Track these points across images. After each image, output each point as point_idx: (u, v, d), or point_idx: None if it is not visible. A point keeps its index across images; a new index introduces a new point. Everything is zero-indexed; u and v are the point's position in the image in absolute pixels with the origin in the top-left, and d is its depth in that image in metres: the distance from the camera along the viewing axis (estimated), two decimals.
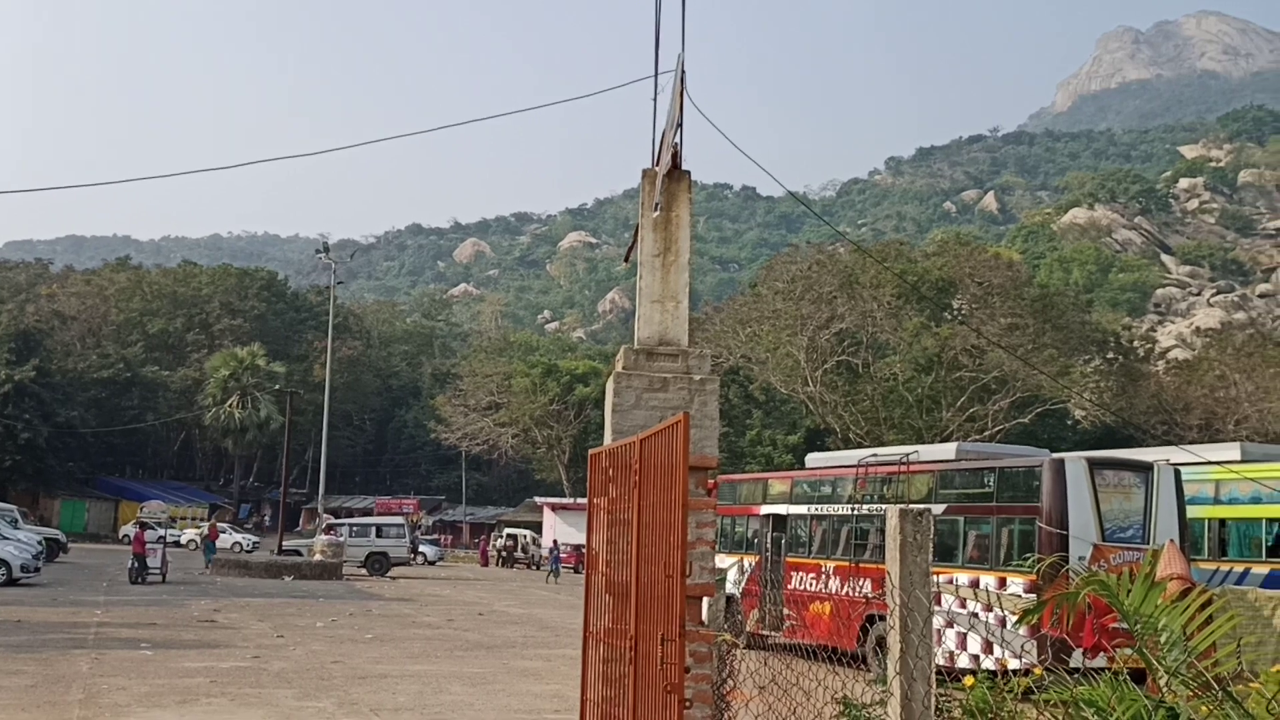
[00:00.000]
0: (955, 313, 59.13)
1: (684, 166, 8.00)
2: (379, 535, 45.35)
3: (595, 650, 7.18)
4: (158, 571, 33.41)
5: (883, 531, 18.73)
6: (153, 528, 40.18)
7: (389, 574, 42.93)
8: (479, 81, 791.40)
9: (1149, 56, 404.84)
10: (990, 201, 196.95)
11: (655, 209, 7.65)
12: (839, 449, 47.42)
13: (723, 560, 22.37)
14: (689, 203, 7.76)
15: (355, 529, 46.31)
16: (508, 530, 64.10)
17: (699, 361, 7.53)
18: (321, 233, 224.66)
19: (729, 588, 21.71)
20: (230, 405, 74.90)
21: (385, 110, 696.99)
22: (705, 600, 7.25)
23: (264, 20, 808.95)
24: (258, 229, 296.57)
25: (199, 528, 57.49)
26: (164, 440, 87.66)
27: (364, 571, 42.80)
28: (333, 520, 51.73)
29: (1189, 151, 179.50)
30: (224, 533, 53.20)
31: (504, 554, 60.76)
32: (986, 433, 52.28)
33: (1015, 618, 14.01)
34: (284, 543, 46.49)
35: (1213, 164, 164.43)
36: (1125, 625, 5.33)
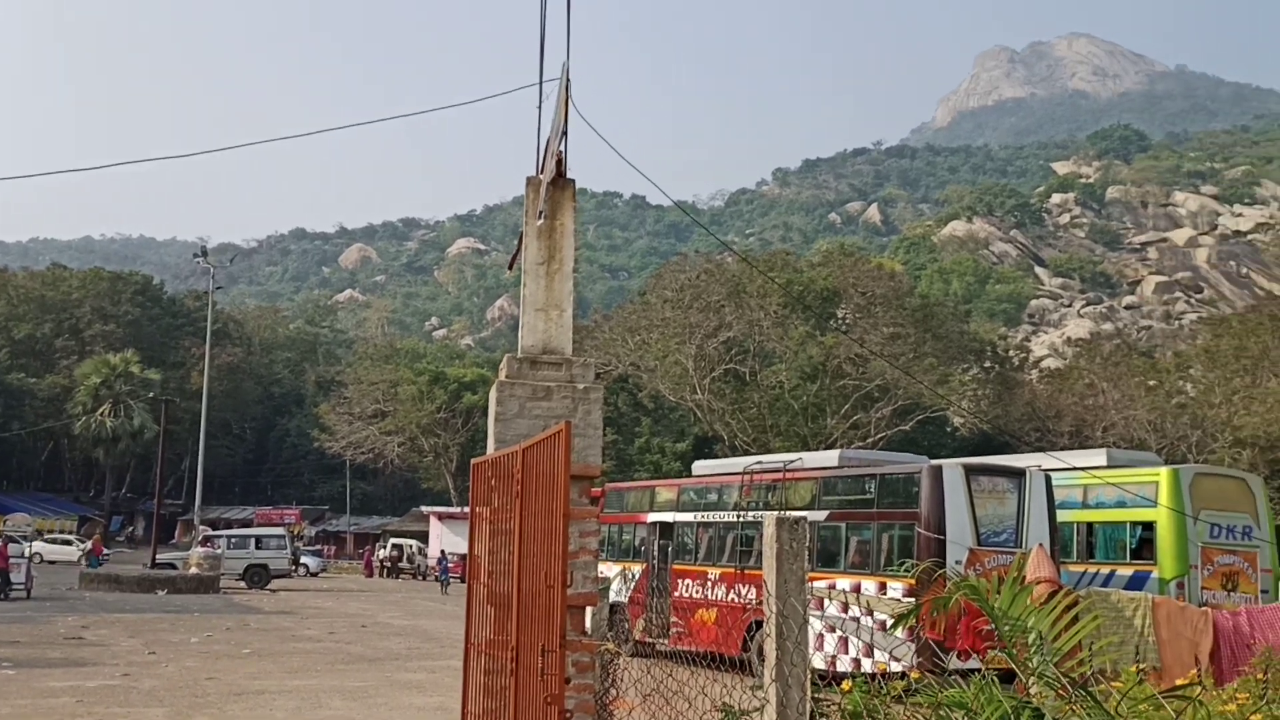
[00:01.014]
0: (839, 322, 60.32)
1: (570, 175, 7.98)
2: (258, 547, 44.21)
3: (477, 662, 7.10)
4: (22, 586, 32.00)
5: None
6: (17, 541, 38.47)
7: (269, 586, 41.87)
8: (367, 86, 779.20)
9: (1024, 76, 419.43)
10: (874, 213, 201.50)
11: (539, 217, 7.62)
12: (727, 456, 47.88)
13: (610, 568, 22.40)
14: (573, 211, 7.75)
15: (233, 540, 45.08)
16: (393, 540, 63.12)
17: (583, 370, 7.52)
18: (200, 236, 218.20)
19: (616, 596, 21.73)
20: (102, 414, 72.25)
21: (269, 112, 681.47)
22: (588, 610, 7.23)
23: (145, 13, 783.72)
24: (132, 231, 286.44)
25: (82, 542, 55.09)
26: (30, 450, 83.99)
27: (243, 584, 41.65)
28: (210, 532, 50.25)
29: (1061, 168, 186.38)
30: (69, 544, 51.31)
31: (389, 564, 59.80)
32: (870, 440, 53.37)
33: (893, 622, 14.32)
34: (158, 556, 44.98)
35: (1083, 180, 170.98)
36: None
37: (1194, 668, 9.58)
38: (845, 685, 7.08)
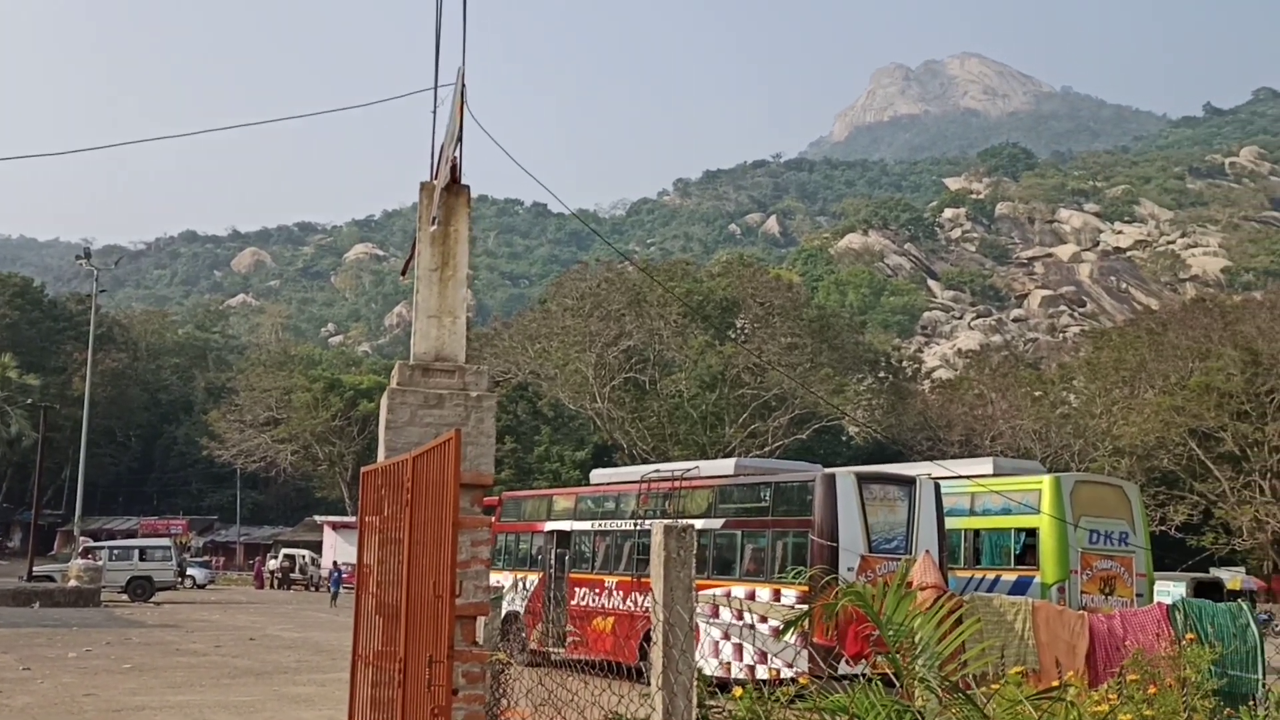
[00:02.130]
0: (738, 332, 60.96)
1: (466, 181, 7.91)
2: (142, 558, 42.84)
3: (364, 674, 6.98)
4: None
5: None
6: None
7: (153, 599, 40.59)
8: (260, 86, 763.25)
9: (918, 93, 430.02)
10: (773, 225, 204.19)
11: (433, 223, 7.53)
12: (626, 465, 47.97)
13: (506, 577, 22.25)
14: (468, 217, 7.68)
15: (116, 552, 43.61)
16: (285, 551, 61.73)
17: (476, 378, 7.46)
18: (85, 237, 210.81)
19: (513, 605, 21.59)
20: None
21: (158, 111, 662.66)
22: (480, 619, 7.17)
23: (31, 8, 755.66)
24: (11, 232, 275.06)
25: None
26: None
27: (125, 597, 40.31)
28: (91, 543, 48.53)
29: (953, 183, 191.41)
30: None
31: (281, 576, 58.48)
32: (767, 448, 53.99)
33: (783, 629, 14.49)
34: (35, 567, 43.23)
35: (974, 196, 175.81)
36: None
37: (1071, 669, 9.90)
38: (737, 692, 7.14)
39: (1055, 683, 6.95)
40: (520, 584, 22.15)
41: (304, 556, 60.27)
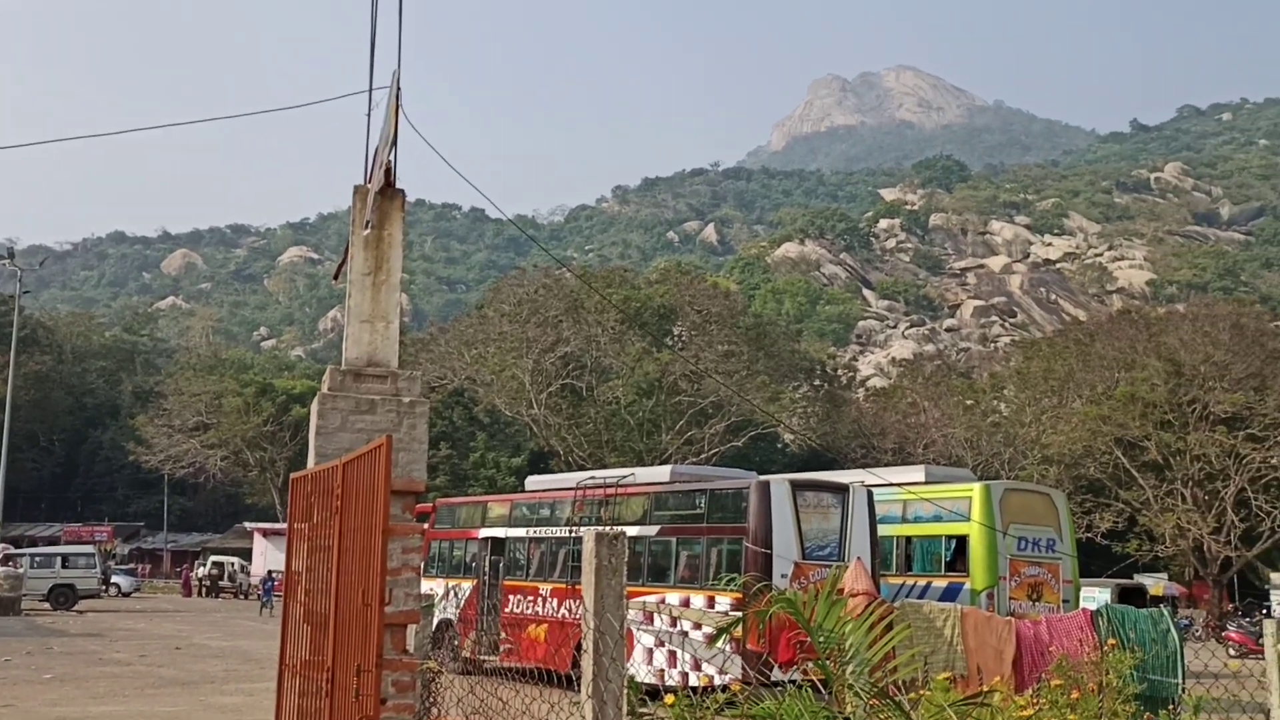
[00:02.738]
0: (675, 339, 61.14)
1: (401, 185, 7.85)
2: (65, 565, 41.85)
3: (291, 683, 6.87)
4: None
5: None
6: None
7: (76, 608, 39.65)
8: (192, 86, 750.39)
9: (854, 104, 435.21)
10: (710, 233, 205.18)
11: (366, 226, 7.47)
12: (563, 471, 47.85)
13: (440, 585, 22.07)
14: (402, 221, 7.63)
15: (37, 559, 42.55)
16: (213, 558, 60.69)
17: (408, 384, 7.39)
18: (9, 237, 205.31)
19: (446, 613, 21.42)
20: None
21: (88, 109, 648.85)
22: (410, 628, 7.09)
23: None
24: None
25: None
26: None
27: (47, 606, 39.34)
28: (11, 550, 47.30)
29: (888, 194, 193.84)
30: None
31: (209, 583, 57.46)
32: (703, 455, 54.18)
33: (714, 635, 14.53)
34: None
35: (908, 207, 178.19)
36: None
37: (998, 675, 10.06)
38: (668, 699, 7.14)
39: (983, 688, 7.07)
40: (454, 591, 21.99)
41: (233, 564, 59.28)
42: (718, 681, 14.99)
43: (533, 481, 24.43)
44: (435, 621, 20.99)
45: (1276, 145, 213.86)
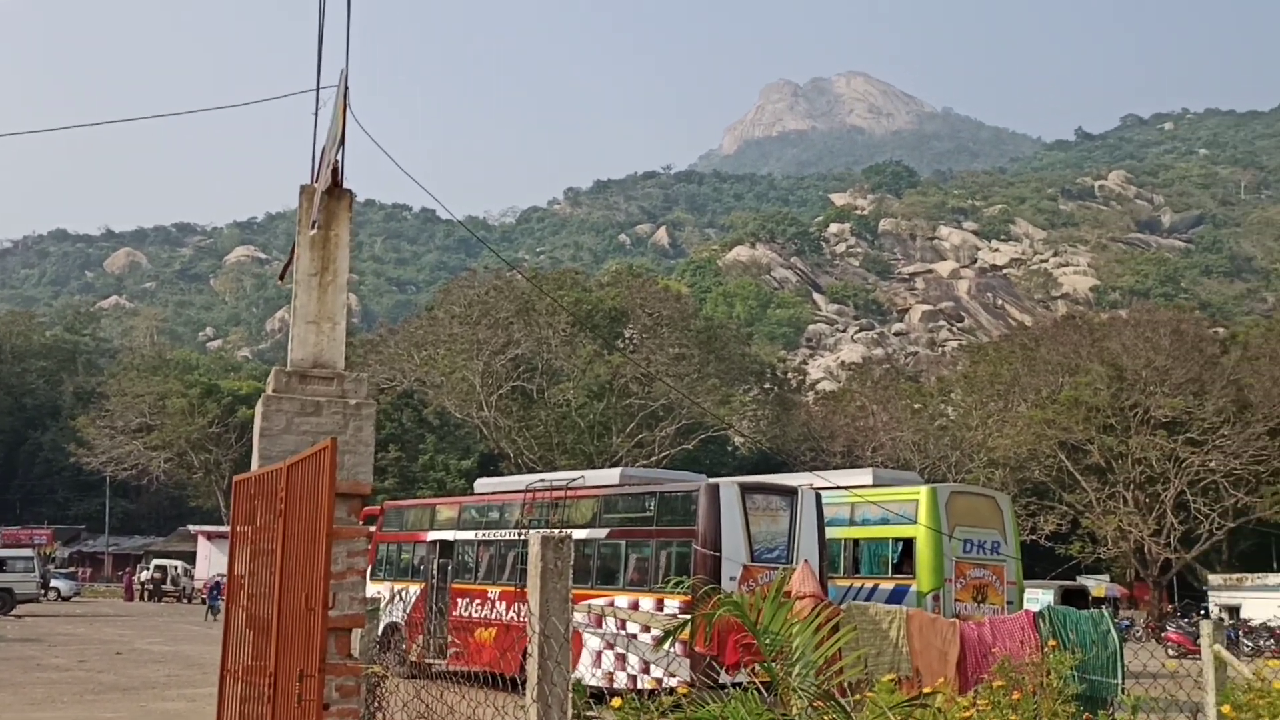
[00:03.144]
0: (627, 342, 61.15)
1: (348, 185, 7.78)
2: (2, 569, 40.92)
3: (233, 689, 6.78)
4: None
5: None
6: None
7: (14, 612, 38.84)
8: (140, 81, 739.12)
9: (806, 109, 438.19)
10: (662, 236, 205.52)
11: (313, 226, 7.39)
12: (513, 474, 47.67)
13: (388, 588, 21.89)
14: (349, 222, 7.56)
15: None
16: (156, 561, 59.73)
17: (356, 385, 7.33)
18: None
19: (394, 616, 21.24)
20: None
21: (35, 104, 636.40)
22: (355, 631, 7.03)
23: None
24: None
25: None
26: None
27: None
28: None
29: (838, 199, 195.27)
30: None
31: (152, 587, 56.54)
32: (654, 458, 54.21)
33: (660, 638, 14.55)
34: None
35: (858, 212, 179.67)
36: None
37: (943, 676, 10.16)
38: (615, 703, 7.14)
39: (926, 689, 7.14)
40: (402, 595, 21.82)
41: (176, 567, 58.40)
42: (667, 684, 15.00)
43: (482, 484, 24.32)
44: (382, 625, 20.82)
45: (1216, 155, 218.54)
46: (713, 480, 17.96)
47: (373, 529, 23.95)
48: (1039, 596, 26.75)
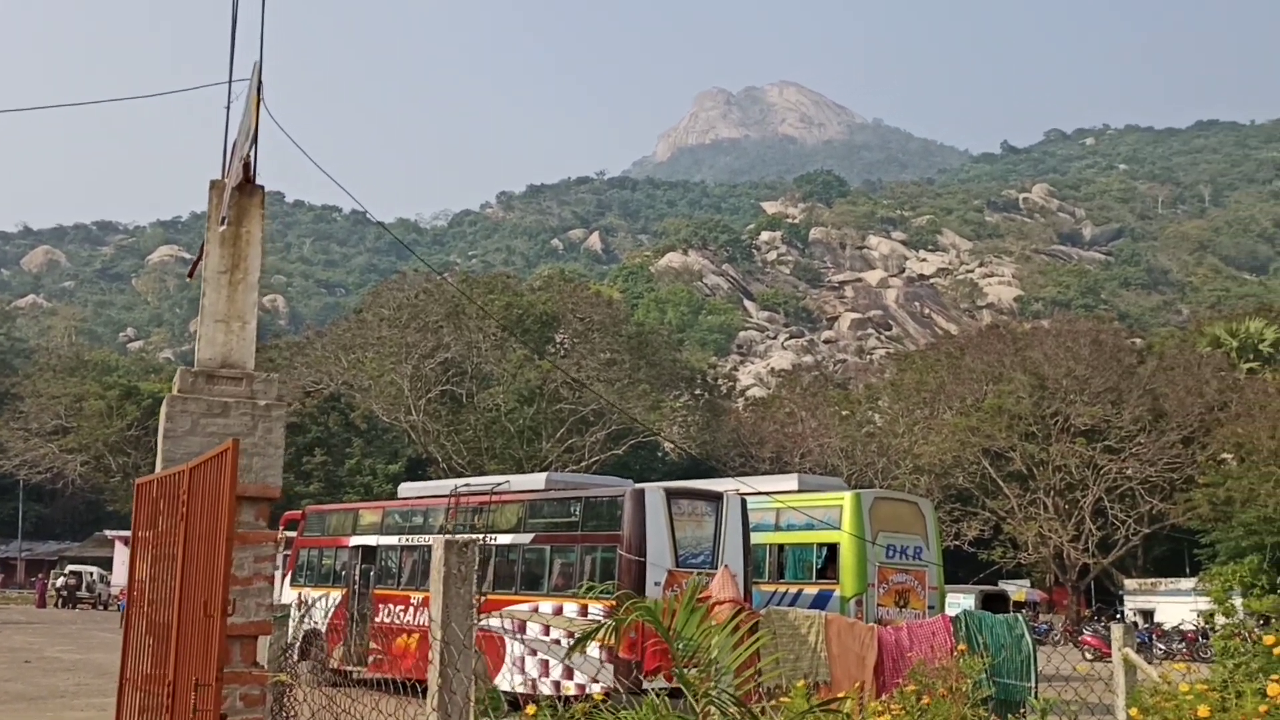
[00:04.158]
0: (558, 347, 60.96)
1: (260, 180, 7.60)
2: None
3: (131, 698, 6.57)
4: None
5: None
6: None
7: None
8: (57, 74, 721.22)
9: (739, 118, 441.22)
10: (595, 241, 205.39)
11: (222, 223, 7.21)
12: (441, 478, 47.21)
13: (309, 594, 21.51)
14: (261, 218, 7.39)
15: None
16: (71, 567, 58.15)
17: (265, 386, 7.15)
18: None
19: (314, 622, 20.87)
20: None
21: None
22: (263, 639, 6.86)
23: None
24: None
25: None
26: None
27: None
28: None
29: (770, 207, 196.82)
30: None
31: (66, 593, 55.03)
32: (584, 463, 54.08)
33: (594, 644, 14.49)
34: None
35: (789, 220, 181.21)
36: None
37: (860, 680, 10.23)
38: (529, 709, 7.04)
39: (841, 694, 7.17)
40: (323, 601, 21.46)
41: (91, 574, 56.94)
42: (590, 690, 14.92)
43: (406, 488, 24.03)
44: (303, 631, 20.45)
45: (1135, 170, 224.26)
46: (638, 485, 17.91)
47: (291, 534, 23.54)
48: (960, 601, 27.11)
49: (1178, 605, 42.47)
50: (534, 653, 16.86)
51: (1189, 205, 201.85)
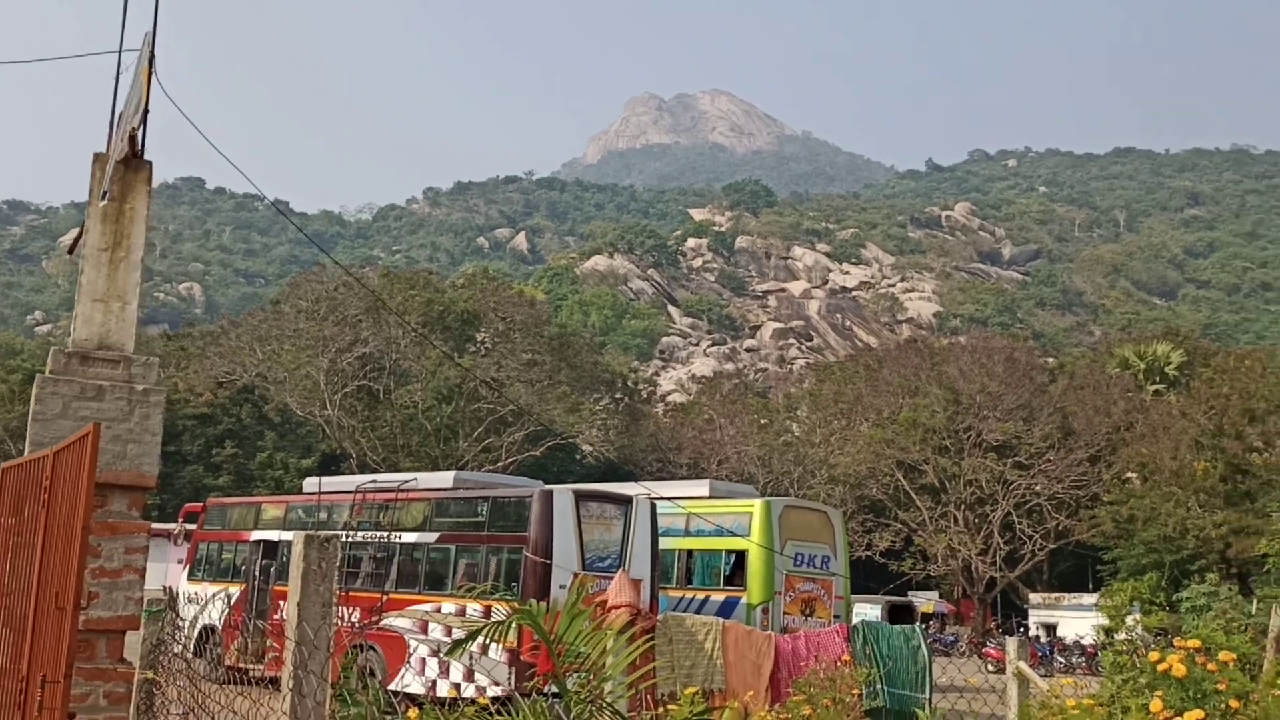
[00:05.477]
0: (478, 345, 60.42)
1: (148, 157, 7.28)
2: None
3: None
4: None
5: (375, 559, 18.44)
6: None
7: None
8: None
9: (670, 124, 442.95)
10: (521, 241, 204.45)
11: (103, 198, 6.88)
12: (355, 474, 46.44)
13: (207, 588, 20.96)
14: (147, 195, 7.07)
15: None
16: None
17: (145, 370, 6.84)
18: None
19: (210, 618, 20.34)
20: None
21: None
22: (132, 634, 6.55)
23: None
24: None
25: None
26: None
27: None
28: None
29: (697, 214, 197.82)
30: None
31: None
32: (501, 464, 53.64)
33: (498, 647, 14.24)
34: None
35: (716, 228, 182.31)
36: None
37: (755, 689, 10.18)
38: (412, 714, 6.84)
39: (734, 702, 7.09)
40: (221, 596, 20.92)
41: None
42: (490, 693, 14.71)
43: (310, 483, 23.52)
44: (199, 627, 19.94)
45: (1054, 193, 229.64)
46: (546, 486, 17.74)
47: (192, 527, 22.93)
48: (868, 611, 27.35)
49: (1080, 620, 43.41)
50: (435, 654, 16.58)
51: (1104, 229, 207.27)
